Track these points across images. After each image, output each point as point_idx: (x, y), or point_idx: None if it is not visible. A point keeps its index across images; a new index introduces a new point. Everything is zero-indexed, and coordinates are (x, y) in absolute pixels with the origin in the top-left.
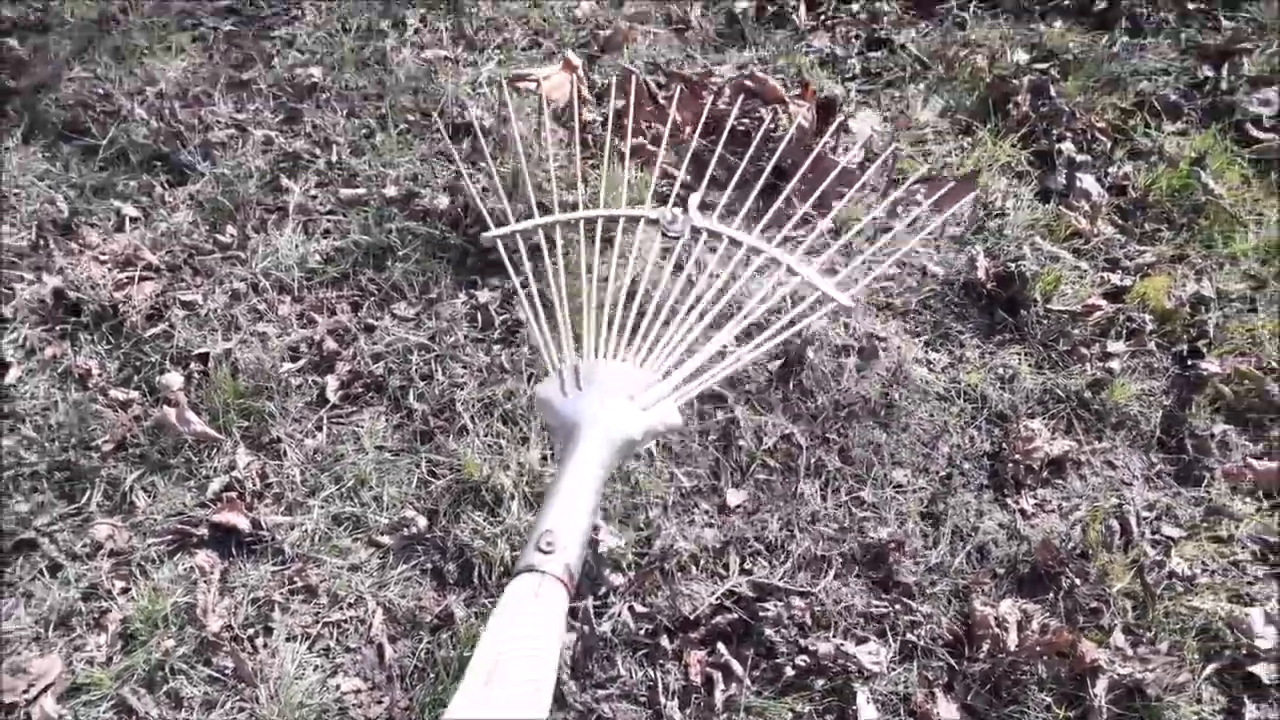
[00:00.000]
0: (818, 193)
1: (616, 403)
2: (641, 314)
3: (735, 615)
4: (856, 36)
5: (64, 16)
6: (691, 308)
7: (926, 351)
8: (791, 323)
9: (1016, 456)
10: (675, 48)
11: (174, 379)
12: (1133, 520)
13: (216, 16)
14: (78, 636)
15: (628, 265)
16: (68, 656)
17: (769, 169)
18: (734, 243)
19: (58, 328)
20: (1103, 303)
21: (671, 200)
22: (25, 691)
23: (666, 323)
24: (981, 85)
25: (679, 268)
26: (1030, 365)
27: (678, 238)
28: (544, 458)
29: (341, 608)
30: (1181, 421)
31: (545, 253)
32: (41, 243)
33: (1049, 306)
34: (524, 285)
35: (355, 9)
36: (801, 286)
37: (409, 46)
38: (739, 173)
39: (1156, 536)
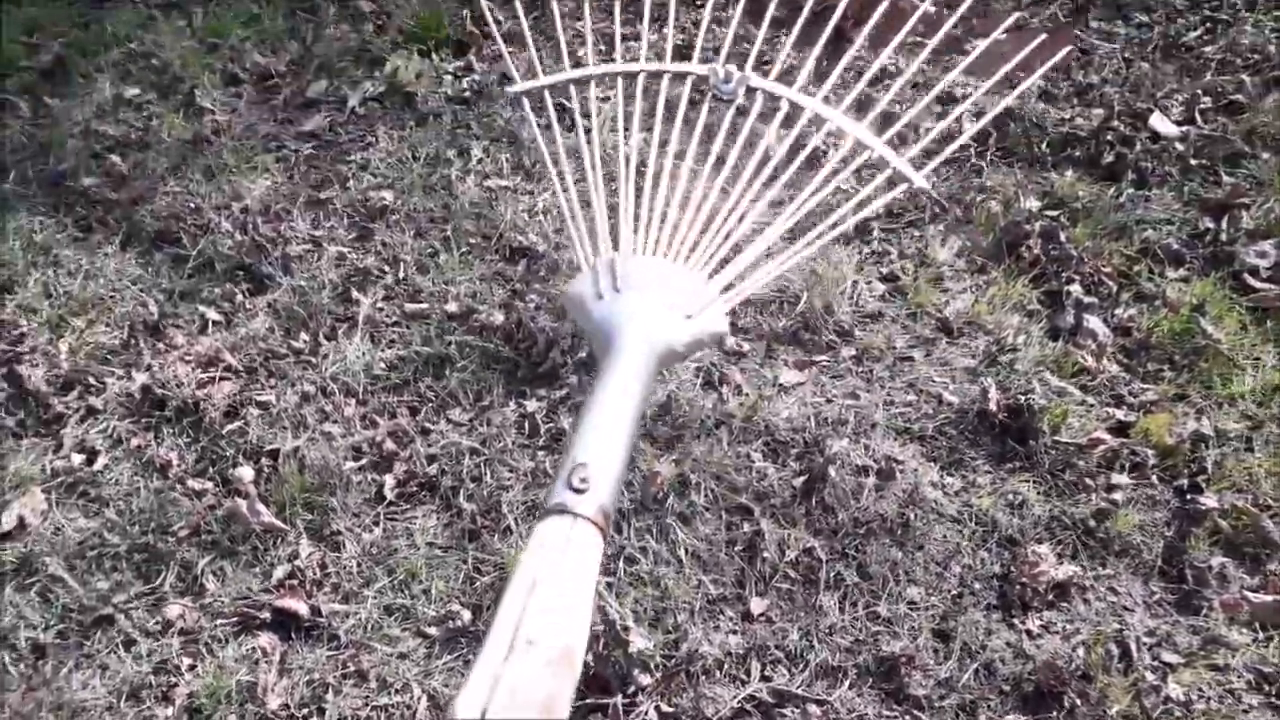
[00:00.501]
0: (891, 46)
1: (658, 307)
2: (686, 202)
3: (755, 719)
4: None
5: (162, 135)
6: (744, 190)
7: (942, 475)
8: (860, 206)
9: (1024, 579)
10: None
11: (246, 472)
12: (1133, 645)
13: (299, 140)
14: (147, 709)
15: (671, 136)
16: None
17: (835, 19)
18: (795, 107)
19: (143, 420)
20: (1108, 437)
21: (723, 55)
22: None
23: (714, 213)
24: (996, 229)
25: (730, 139)
26: (1039, 493)
27: (730, 100)
28: None
29: (389, 693)
30: (1182, 552)
31: (579, 122)
32: (132, 342)
33: (1057, 438)
34: (553, 157)
35: (425, 138)
36: (870, 161)
37: (472, 175)
38: (799, 25)
39: (1156, 662)
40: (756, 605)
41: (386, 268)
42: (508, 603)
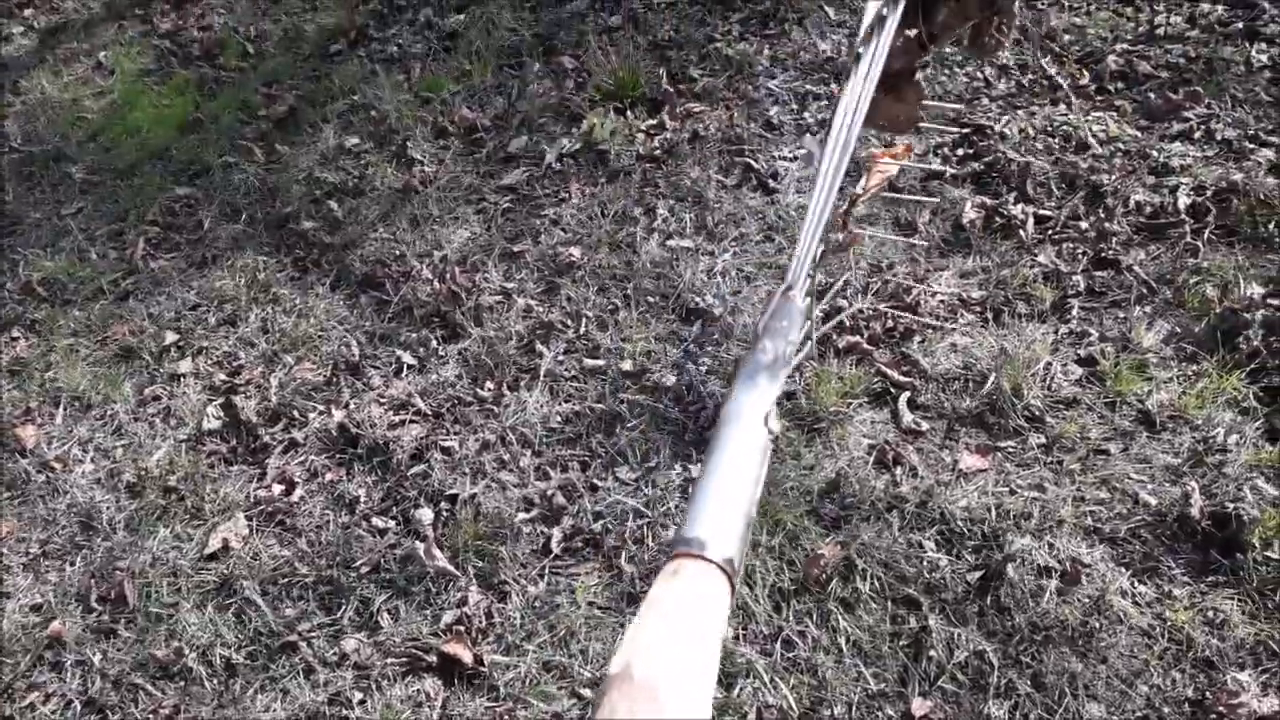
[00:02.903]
0: None
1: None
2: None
3: None
4: (1084, 254)
5: (375, 183)
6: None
7: (1133, 583)
8: None
9: (1221, 708)
10: (899, 248)
11: (426, 514)
12: None
13: (498, 194)
14: None
15: None
16: None
17: None
18: None
19: (337, 456)
20: None
21: None
22: None
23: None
24: (1211, 315)
25: None
26: (1244, 613)
27: None
28: (735, 637)
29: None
30: None
31: None
32: (334, 380)
33: (1269, 554)
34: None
35: (614, 195)
36: None
37: (656, 234)
38: None
39: None
40: (918, 706)
41: (569, 322)
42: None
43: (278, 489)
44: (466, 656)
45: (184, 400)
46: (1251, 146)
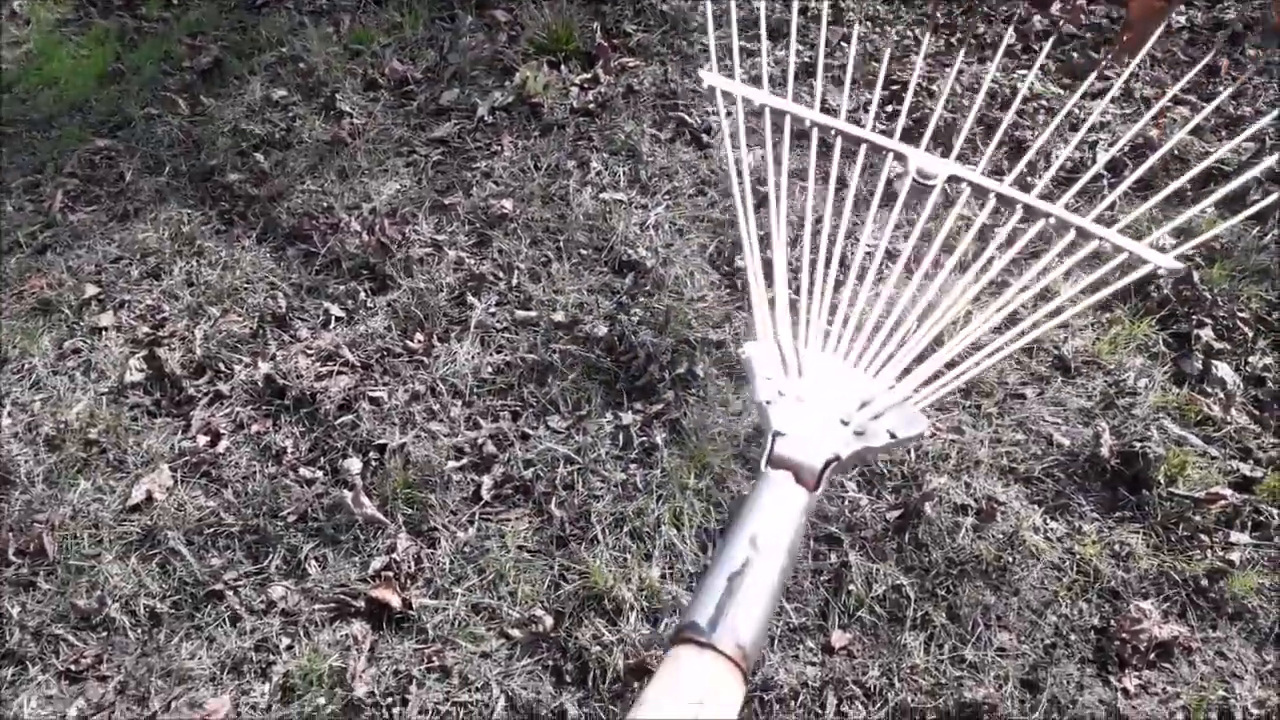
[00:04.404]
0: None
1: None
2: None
3: None
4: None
5: (302, 136)
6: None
7: (1045, 520)
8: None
9: (1124, 635)
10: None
11: (354, 464)
12: (1238, 715)
13: (429, 146)
14: (246, 682)
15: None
16: (236, 699)
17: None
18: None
19: (264, 408)
20: (1229, 492)
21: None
22: None
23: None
24: (1124, 265)
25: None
26: (1148, 546)
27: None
28: (663, 576)
29: (470, 690)
30: None
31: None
32: (261, 332)
33: (1173, 490)
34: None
35: (547, 149)
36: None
37: (590, 187)
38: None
39: None
40: (838, 638)
41: (501, 274)
42: None
43: (203, 440)
44: (395, 601)
45: (105, 353)
46: (1168, 104)
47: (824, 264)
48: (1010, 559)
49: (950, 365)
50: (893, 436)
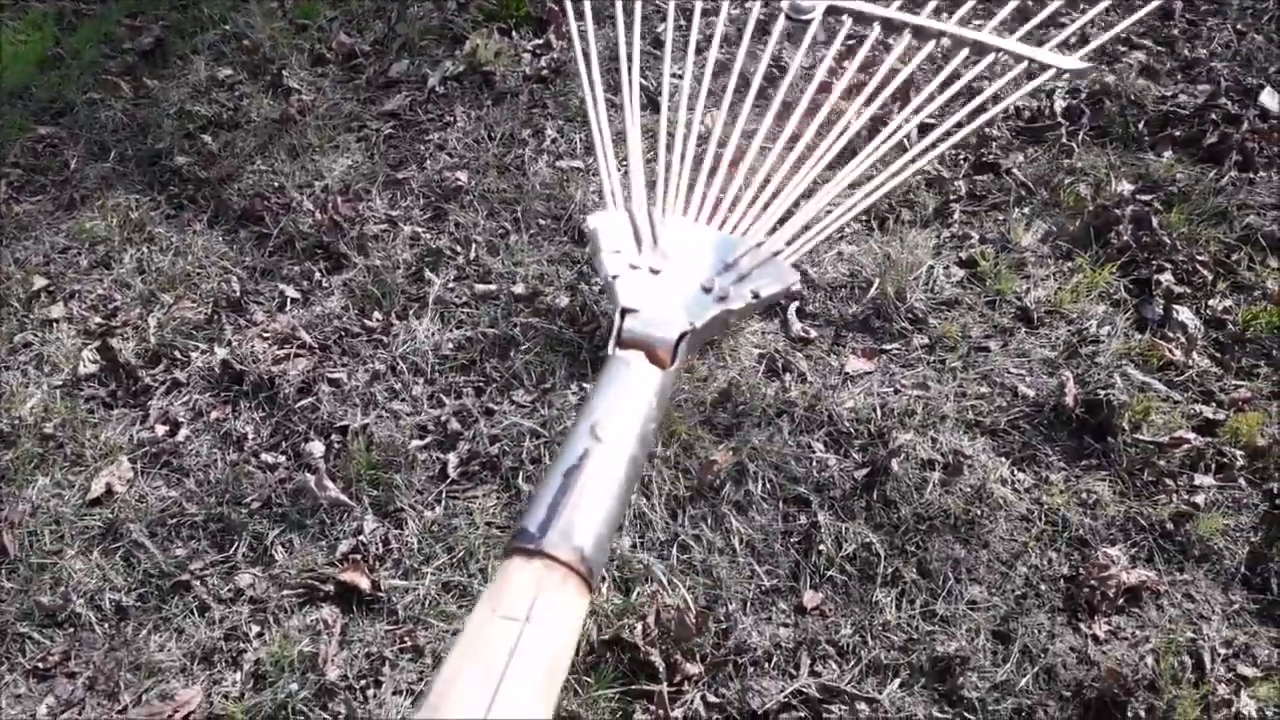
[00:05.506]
0: None
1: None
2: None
3: (802, 714)
4: (965, 159)
5: (251, 115)
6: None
7: (1012, 471)
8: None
9: (1093, 582)
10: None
11: (316, 447)
12: (1207, 656)
13: (380, 120)
14: (217, 672)
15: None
16: (208, 689)
17: None
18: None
19: (223, 394)
20: (1192, 435)
21: None
22: (170, 717)
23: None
24: (1085, 213)
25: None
26: (1114, 493)
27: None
28: (634, 545)
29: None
30: (1267, 560)
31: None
32: (216, 317)
33: (1137, 436)
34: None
35: (501, 118)
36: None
37: (545, 155)
38: None
39: (1230, 675)
40: (810, 599)
41: (458, 248)
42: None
43: (162, 430)
44: (364, 583)
45: (57, 346)
46: (1123, 49)
47: (684, 120)
48: (979, 512)
49: (830, 209)
50: (756, 297)
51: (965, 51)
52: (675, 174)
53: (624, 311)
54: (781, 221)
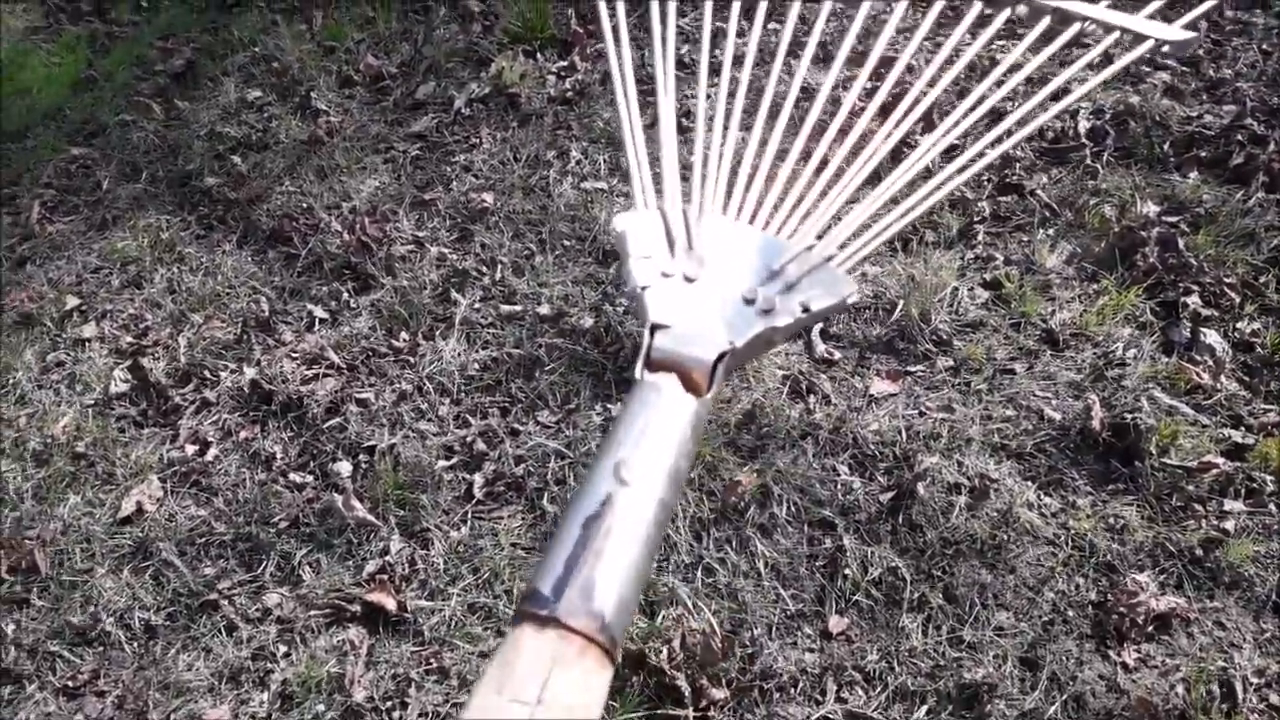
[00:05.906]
0: None
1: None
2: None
3: None
4: (989, 180)
5: (279, 136)
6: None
7: (1039, 496)
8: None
9: (1122, 608)
10: None
11: (344, 467)
12: (1239, 685)
13: (407, 142)
14: (244, 692)
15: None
16: (235, 709)
17: None
18: None
19: (251, 414)
20: (1221, 460)
21: None
22: None
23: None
24: (1110, 234)
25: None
26: (1142, 518)
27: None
28: (659, 568)
29: (469, 691)
30: None
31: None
32: (245, 337)
33: (1165, 460)
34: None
35: (526, 139)
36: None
37: (570, 176)
38: None
39: (1263, 705)
40: (835, 624)
41: (484, 269)
42: None
43: (191, 449)
44: (390, 604)
45: (89, 365)
46: (1147, 70)
47: (725, 106)
48: (1005, 537)
49: (893, 203)
50: (806, 311)
51: (1045, 20)
52: (714, 164)
53: (654, 328)
54: (836, 219)
